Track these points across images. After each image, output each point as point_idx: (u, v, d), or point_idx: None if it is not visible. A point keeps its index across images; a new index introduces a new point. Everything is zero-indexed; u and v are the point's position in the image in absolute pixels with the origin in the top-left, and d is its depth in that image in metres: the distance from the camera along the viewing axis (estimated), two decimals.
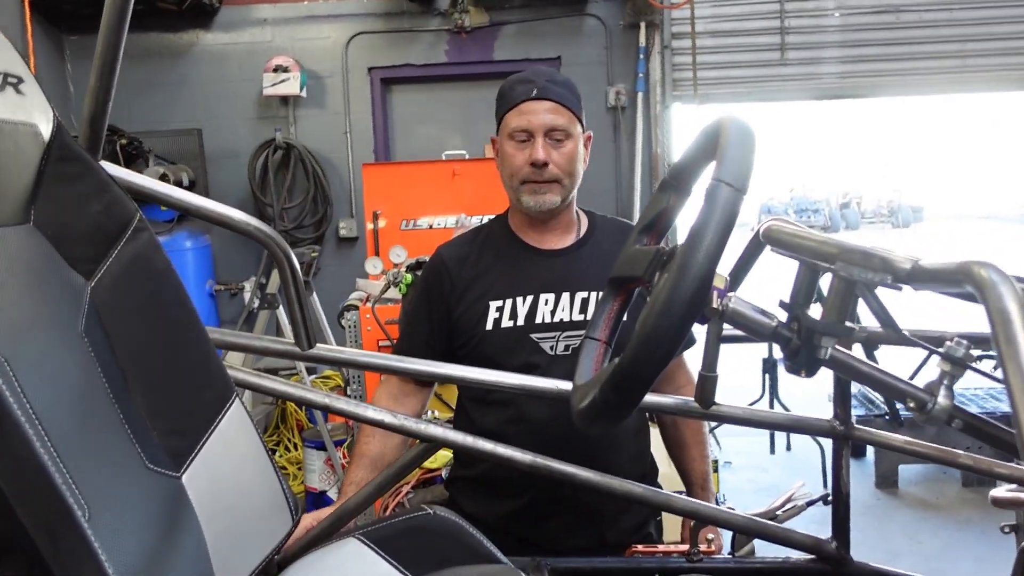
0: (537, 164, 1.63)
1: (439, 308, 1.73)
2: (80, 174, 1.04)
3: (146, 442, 1.00)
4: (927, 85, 5.46)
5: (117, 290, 1.04)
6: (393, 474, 1.43)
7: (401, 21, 5.29)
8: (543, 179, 1.65)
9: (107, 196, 1.06)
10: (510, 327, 1.67)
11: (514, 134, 1.66)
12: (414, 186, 4.18)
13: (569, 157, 1.66)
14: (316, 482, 4.16)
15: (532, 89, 1.65)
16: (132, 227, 1.07)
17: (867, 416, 4.20)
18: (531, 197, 1.67)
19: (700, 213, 0.77)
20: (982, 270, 0.64)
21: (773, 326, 0.90)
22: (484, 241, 1.78)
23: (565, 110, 1.65)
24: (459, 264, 1.74)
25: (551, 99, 1.64)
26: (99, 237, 1.04)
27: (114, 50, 1.12)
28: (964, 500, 4.03)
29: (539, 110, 1.64)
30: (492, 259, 1.74)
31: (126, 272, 1.05)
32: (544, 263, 1.72)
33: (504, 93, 1.71)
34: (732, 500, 3.98)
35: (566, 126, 1.65)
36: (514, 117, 1.66)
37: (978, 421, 0.91)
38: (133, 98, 5.25)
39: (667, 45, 5.24)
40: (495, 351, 1.67)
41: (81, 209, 1.03)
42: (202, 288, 4.89)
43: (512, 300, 1.68)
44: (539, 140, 1.63)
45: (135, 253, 1.07)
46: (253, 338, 1.38)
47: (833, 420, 1.39)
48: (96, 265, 1.04)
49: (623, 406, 0.85)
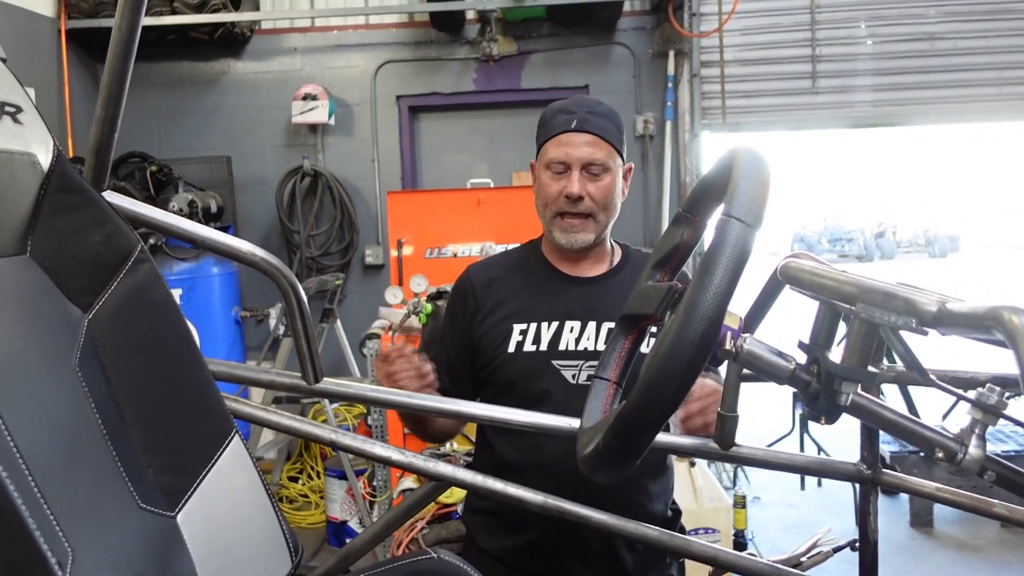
0: (571, 197, 1.60)
1: (461, 327, 1.71)
2: (80, 204, 1.02)
3: (140, 480, 0.97)
4: (963, 113, 5.36)
5: (115, 323, 1.02)
6: (401, 513, 1.39)
7: (429, 50, 5.32)
8: (576, 212, 1.62)
9: (108, 227, 1.04)
10: (532, 351, 1.63)
11: (551, 164, 1.63)
12: (439, 214, 4.17)
13: (605, 191, 1.63)
14: (338, 512, 4.13)
15: (572, 120, 1.62)
16: (133, 258, 1.05)
17: (900, 453, 4.09)
18: (563, 234, 1.64)
19: (709, 250, 0.73)
20: (1013, 316, 0.59)
21: (791, 369, 0.85)
22: (515, 264, 1.76)
23: (604, 143, 1.62)
24: (486, 285, 1.71)
25: (591, 132, 1.61)
26: (98, 268, 1.02)
27: (120, 81, 1.10)
28: (1003, 541, 3.88)
29: (578, 142, 1.60)
30: (520, 282, 1.71)
31: (125, 304, 1.03)
32: (573, 290, 1.69)
33: (545, 121, 1.68)
34: (759, 537, 3.89)
35: (604, 160, 1.61)
36: (552, 147, 1.63)
37: (1013, 474, 0.85)
38: (164, 125, 5.33)
39: (696, 73, 5.21)
40: (516, 375, 1.63)
41: (80, 240, 1.02)
42: (228, 315, 4.90)
43: (537, 324, 1.65)
44: (575, 173, 1.60)
45: (135, 285, 1.04)
46: (260, 371, 1.35)
47: (860, 464, 1.32)
48: (94, 297, 1.02)
49: (628, 454, 0.80)
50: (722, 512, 3.33)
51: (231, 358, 4.88)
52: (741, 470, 4.59)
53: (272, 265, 1.23)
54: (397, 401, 1.38)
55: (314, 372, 1.30)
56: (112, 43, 1.08)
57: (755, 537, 3.88)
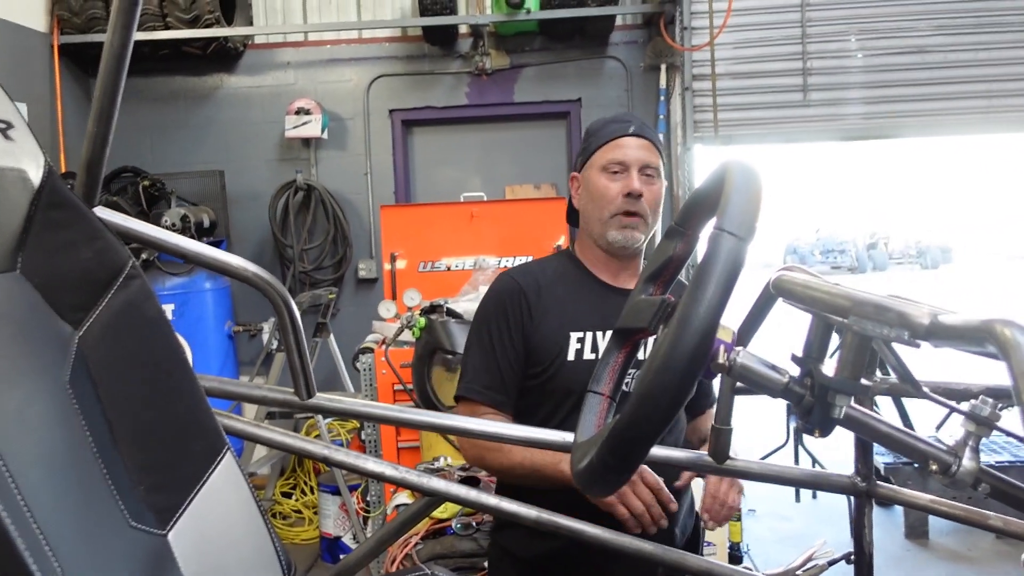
0: (633, 195, 1.64)
1: (517, 331, 1.66)
2: (71, 220, 1.02)
3: (130, 498, 0.96)
4: (953, 126, 5.39)
5: (106, 339, 1.01)
6: (395, 528, 1.38)
7: (422, 64, 5.33)
8: (635, 211, 1.65)
9: (99, 243, 1.03)
10: (592, 359, 1.62)
11: (608, 166, 1.67)
12: (432, 228, 4.17)
13: (657, 197, 1.68)
14: (331, 527, 4.11)
15: (629, 126, 1.68)
16: (124, 274, 1.04)
17: (895, 465, 4.08)
18: (619, 232, 1.66)
19: (702, 263, 0.73)
20: (1005, 329, 0.59)
21: (784, 382, 0.85)
22: (556, 272, 1.74)
23: (657, 152, 1.69)
24: (535, 290, 1.69)
25: (647, 137, 1.68)
26: (89, 285, 1.02)
27: (112, 96, 1.10)
28: (998, 553, 3.87)
29: (634, 145, 1.67)
30: (566, 291, 1.70)
31: (116, 321, 1.02)
32: (618, 300, 1.65)
33: (596, 130, 1.73)
34: (755, 549, 3.87)
35: (658, 166, 1.68)
36: (609, 151, 1.68)
37: (1007, 486, 0.85)
38: (157, 140, 5.33)
39: (688, 87, 5.23)
40: (574, 383, 1.60)
41: (71, 256, 1.01)
42: (221, 330, 4.88)
43: (593, 334, 1.65)
44: (634, 172, 1.65)
45: (126, 301, 1.04)
46: (252, 387, 1.35)
47: (854, 476, 1.32)
48: (85, 313, 1.01)
49: (622, 469, 0.80)
50: None
51: (224, 373, 4.86)
52: None
53: (264, 280, 1.22)
54: (390, 416, 1.37)
55: (307, 387, 1.29)
56: (104, 59, 1.08)
57: (751, 550, 3.87)
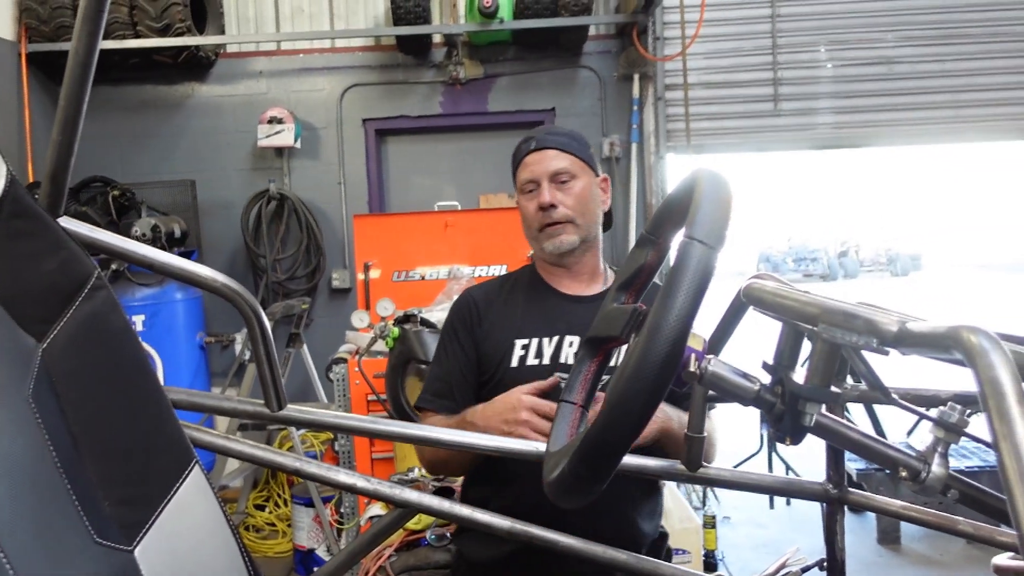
0: (544, 207, 1.70)
1: (467, 340, 1.76)
2: (34, 231, 1.00)
3: (95, 514, 0.94)
4: (921, 135, 5.48)
5: (70, 352, 0.99)
6: (367, 541, 1.37)
7: (396, 73, 5.32)
8: (554, 220, 1.71)
9: (63, 253, 1.01)
10: (535, 365, 1.69)
11: (523, 187, 1.76)
12: (406, 237, 4.16)
13: (578, 197, 1.72)
14: (305, 539, 4.07)
15: (532, 143, 1.76)
16: (89, 285, 1.02)
17: (867, 470, 4.12)
18: (549, 241, 1.73)
19: (671, 272, 0.73)
20: (972, 336, 0.59)
21: (755, 390, 0.85)
22: (512, 285, 1.84)
23: (566, 154, 1.73)
24: (487, 303, 1.79)
25: (550, 147, 1.73)
26: (53, 296, 1.00)
27: (77, 105, 1.08)
28: (969, 557, 3.91)
29: (541, 159, 1.73)
30: (519, 301, 1.79)
31: (81, 333, 1.00)
32: (570, 307, 1.75)
33: (513, 156, 1.82)
34: (729, 557, 3.89)
35: (568, 168, 1.72)
36: (522, 171, 1.76)
37: (976, 492, 0.86)
38: (127, 149, 5.27)
39: (660, 96, 5.27)
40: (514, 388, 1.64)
41: (34, 267, 0.99)
42: (192, 340, 4.82)
43: (539, 340, 1.71)
44: (544, 185, 1.71)
45: (91, 312, 1.02)
46: (222, 399, 1.33)
47: (826, 483, 1.33)
48: (49, 325, 0.99)
49: (594, 479, 0.79)
50: (692, 533, 3.33)
51: (196, 384, 4.80)
52: (710, 490, 4.59)
53: (234, 291, 1.21)
54: (360, 427, 1.36)
55: (277, 399, 1.27)
56: (69, 67, 1.06)
57: (725, 557, 3.88)
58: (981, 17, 5.32)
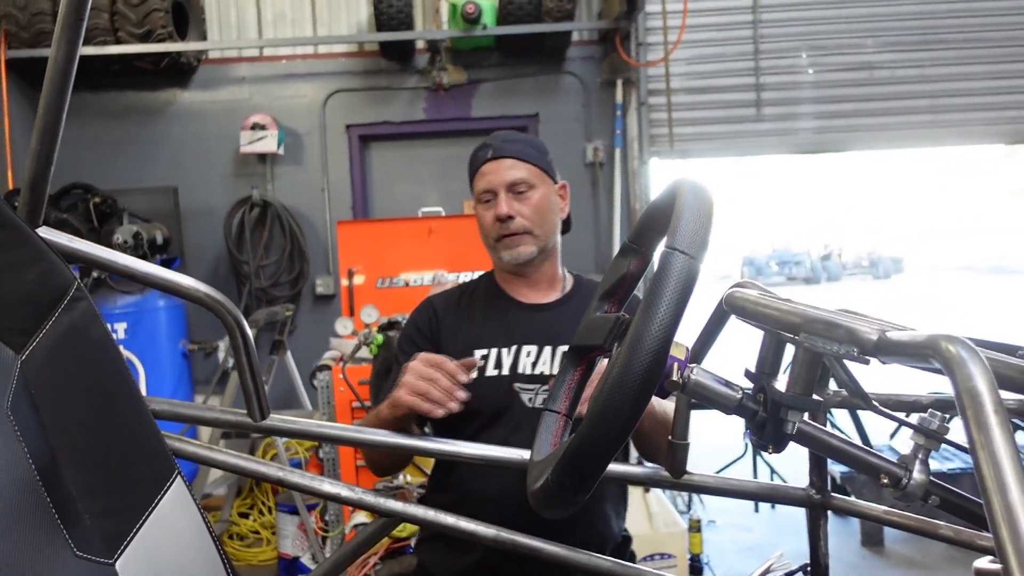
0: (501, 218, 1.68)
1: (426, 347, 1.71)
2: (12, 241, 0.99)
3: (75, 527, 0.93)
4: (901, 139, 5.53)
5: (50, 363, 0.98)
6: (352, 549, 1.37)
7: (379, 79, 5.32)
8: (511, 232, 1.69)
9: (42, 264, 1.01)
10: (495, 376, 1.67)
11: (480, 196, 1.73)
12: (390, 243, 4.15)
13: (535, 207, 1.70)
14: (289, 548, 4.04)
15: (489, 151, 1.72)
16: (69, 296, 1.02)
17: (850, 474, 4.14)
18: (506, 251, 1.71)
19: (653, 282, 0.73)
20: (950, 345, 0.60)
21: (738, 399, 0.85)
22: (472, 294, 1.82)
23: (524, 163, 1.71)
24: (447, 311, 1.78)
25: (507, 156, 1.71)
26: (32, 307, 0.99)
27: (57, 113, 1.07)
28: (951, 559, 3.94)
29: (498, 169, 1.70)
30: (477, 310, 1.77)
31: (60, 344, 1.00)
32: (527, 316, 1.74)
33: (469, 162, 1.78)
34: (715, 561, 3.90)
35: (526, 178, 1.70)
36: (478, 181, 1.73)
37: (956, 497, 0.87)
38: (108, 156, 5.23)
39: (644, 102, 5.29)
40: (479, 400, 1.60)
41: (12, 278, 0.98)
42: (175, 348, 4.79)
43: (498, 350, 1.70)
44: (501, 195, 1.69)
45: (71, 324, 1.01)
46: (204, 409, 1.32)
47: (809, 488, 1.33)
48: (28, 337, 0.98)
49: (578, 489, 0.79)
50: (677, 537, 3.34)
51: (178, 392, 4.77)
52: (696, 494, 4.61)
53: (216, 300, 1.20)
54: (344, 437, 1.35)
55: (260, 409, 1.27)
56: (48, 74, 1.05)
57: (711, 561, 3.89)
58: (960, 23, 5.38)
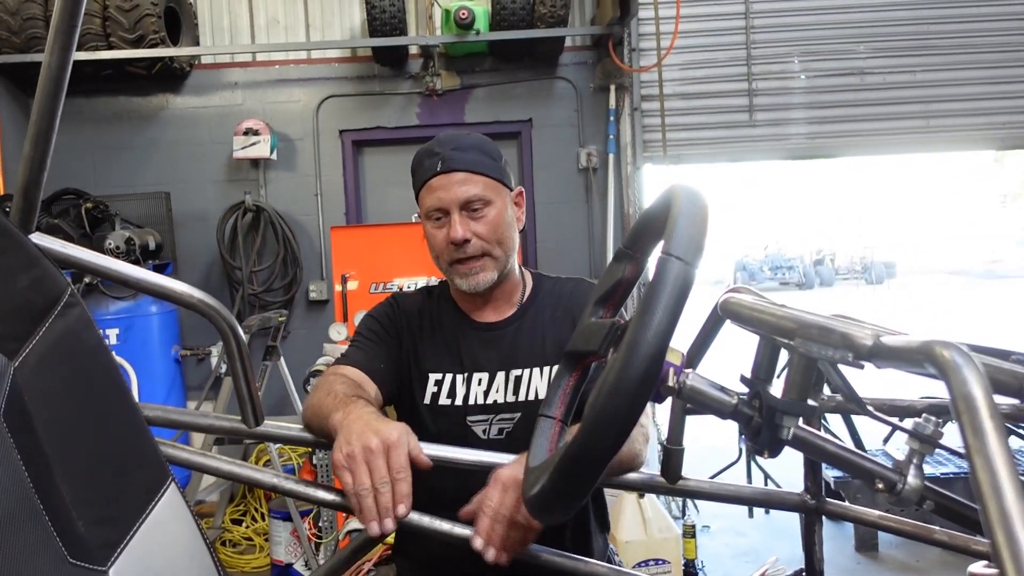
0: (457, 243, 1.52)
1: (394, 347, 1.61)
2: (5, 248, 0.98)
3: (69, 534, 0.93)
4: (892, 145, 5.55)
5: (43, 370, 0.98)
6: (346, 556, 1.36)
7: (372, 84, 5.32)
8: (468, 255, 1.54)
9: (35, 270, 1.00)
10: (447, 405, 1.59)
11: (430, 214, 1.56)
12: (384, 249, 4.15)
13: (493, 226, 1.54)
14: (282, 554, 4.03)
15: (438, 162, 1.53)
16: (62, 303, 1.01)
17: (844, 479, 4.14)
18: (463, 280, 1.56)
19: (649, 288, 0.73)
20: (944, 351, 0.60)
21: (733, 404, 0.85)
22: (432, 308, 1.68)
23: (478, 176, 1.54)
24: (410, 320, 1.65)
25: (459, 169, 1.53)
26: (25, 313, 0.99)
27: (50, 119, 1.07)
28: (945, 563, 3.95)
29: (449, 184, 1.52)
30: (434, 327, 1.65)
31: (54, 350, 0.99)
32: (478, 338, 1.62)
33: (414, 169, 1.60)
34: (710, 566, 3.89)
35: (481, 194, 1.53)
36: (426, 196, 1.56)
37: (950, 502, 0.87)
38: (100, 161, 5.22)
39: (637, 107, 5.30)
40: (433, 428, 1.58)
41: (6, 284, 0.98)
42: (168, 354, 4.78)
43: (452, 376, 1.60)
44: (455, 216, 1.52)
45: (64, 330, 1.01)
46: (198, 415, 1.32)
47: (804, 493, 1.34)
48: (21, 344, 0.98)
49: (575, 494, 0.80)
50: (672, 542, 3.34)
51: (171, 398, 4.76)
52: (690, 499, 4.61)
53: (210, 307, 1.20)
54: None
55: (254, 415, 1.27)
56: (41, 81, 1.05)
57: (705, 567, 3.89)
58: (951, 29, 5.41)
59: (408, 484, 1.10)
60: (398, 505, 1.09)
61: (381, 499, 1.09)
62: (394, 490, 1.09)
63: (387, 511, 1.09)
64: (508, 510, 1.16)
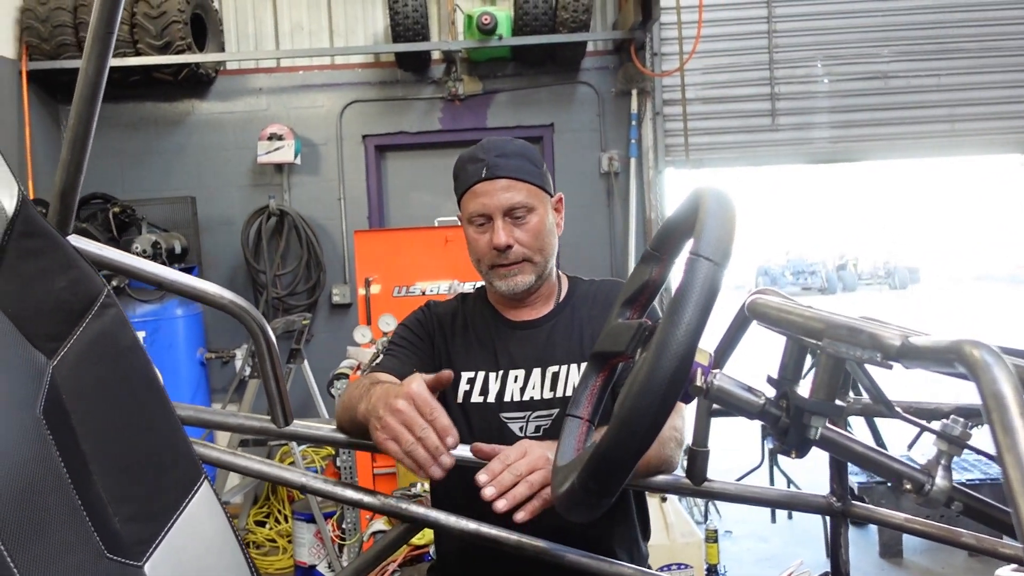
0: (500, 249, 1.55)
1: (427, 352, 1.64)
2: (44, 249, 1.01)
3: (106, 529, 0.95)
4: (917, 149, 5.51)
5: (81, 369, 1.00)
6: (372, 557, 1.37)
7: (395, 90, 5.36)
8: (509, 262, 1.57)
9: (73, 271, 1.03)
10: (480, 403, 1.59)
11: (473, 219, 1.59)
12: (407, 252, 4.17)
13: (535, 233, 1.57)
14: (306, 556, 4.05)
15: (482, 168, 1.56)
16: (99, 303, 1.03)
17: (868, 484, 4.11)
18: (503, 281, 1.59)
19: (678, 289, 0.74)
20: (974, 350, 0.60)
21: (761, 404, 0.86)
22: (466, 310, 1.71)
23: (521, 184, 1.56)
24: (443, 323, 1.68)
25: (503, 176, 1.55)
26: (63, 314, 1.01)
27: (87, 123, 1.10)
28: (971, 570, 3.91)
29: (493, 191, 1.55)
30: (467, 327, 1.67)
31: (91, 350, 1.01)
32: (515, 336, 1.64)
33: (457, 174, 1.63)
34: (732, 571, 3.88)
35: (525, 201, 1.56)
36: (470, 201, 1.59)
37: (979, 503, 0.87)
38: (128, 167, 5.29)
39: (659, 112, 5.30)
40: (465, 427, 1.58)
41: (44, 285, 1.00)
42: (193, 356, 4.83)
43: (485, 375, 1.60)
44: (498, 223, 1.55)
45: (101, 330, 1.03)
46: (228, 415, 1.34)
47: (830, 496, 1.33)
48: (59, 343, 1.00)
49: (604, 493, 0.80)
50: (694, 547, 3.33)
51: (196, 400, 4.80)
52: (712, 504, 4.59)
53: (241, 307, 1.22)
54: (366, 444, 1.36)
55: (284, 414, 1.28)
56: (79, 86, 1.08)
57: (728, 572, 3.87)
58: (975, 32, 5.37)
59: (444, 416, 1.15)
60: (445, 438, 1.14)
61: (428, 443, 1.13)
62: (435, 428, 1.14)
63: (437, 450, 1.14)
64: (523, 467, 1.21)
